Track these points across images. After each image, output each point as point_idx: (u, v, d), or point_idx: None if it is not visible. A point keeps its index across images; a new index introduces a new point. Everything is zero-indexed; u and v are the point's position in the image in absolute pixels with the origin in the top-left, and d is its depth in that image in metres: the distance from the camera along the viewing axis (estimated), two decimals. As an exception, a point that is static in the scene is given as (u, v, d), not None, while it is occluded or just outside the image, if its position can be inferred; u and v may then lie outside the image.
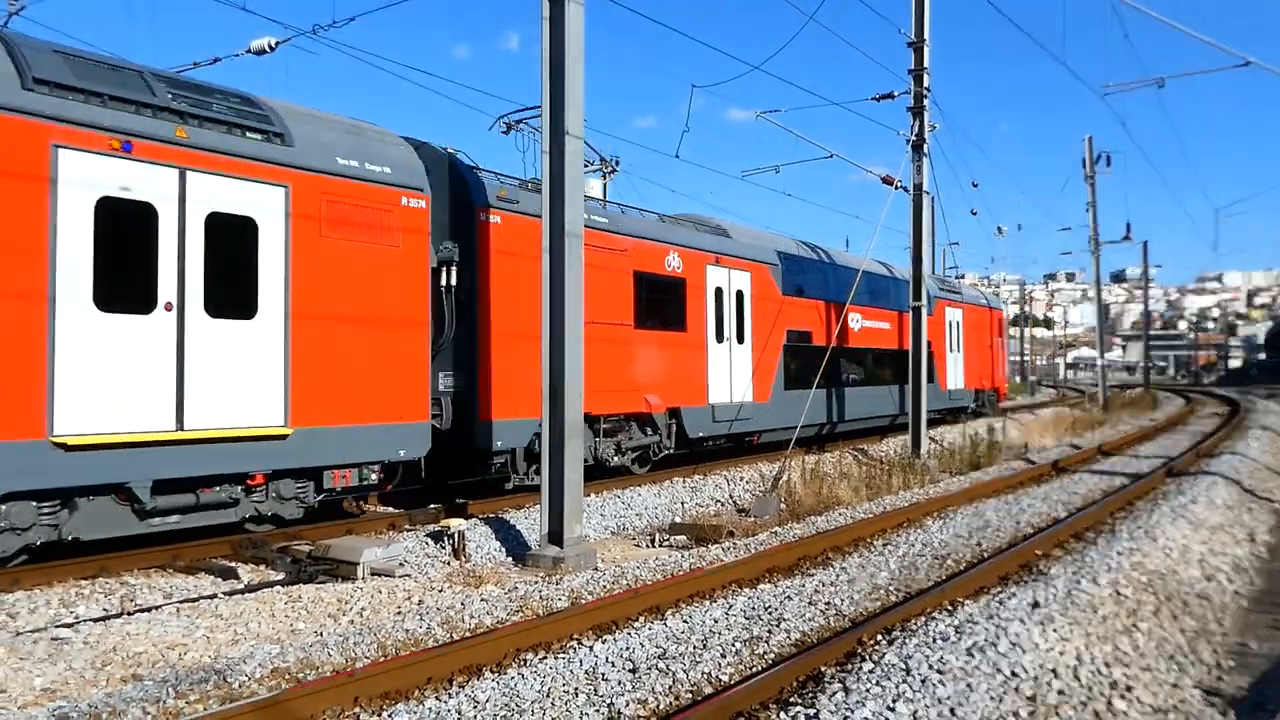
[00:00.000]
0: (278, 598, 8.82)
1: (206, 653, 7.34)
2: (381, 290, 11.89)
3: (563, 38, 11.05)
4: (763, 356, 20.12)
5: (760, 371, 19.99)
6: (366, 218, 11.70)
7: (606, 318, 15.68)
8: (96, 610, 8.64)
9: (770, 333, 20.44)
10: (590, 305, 13.51)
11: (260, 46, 13.96)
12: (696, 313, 18.07)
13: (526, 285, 14.10)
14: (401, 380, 12.08)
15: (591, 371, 13.47)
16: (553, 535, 11.08)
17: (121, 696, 6.11)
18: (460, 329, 13.79)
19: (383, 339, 11.89)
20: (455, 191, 13.97)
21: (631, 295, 16.43)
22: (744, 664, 6.98)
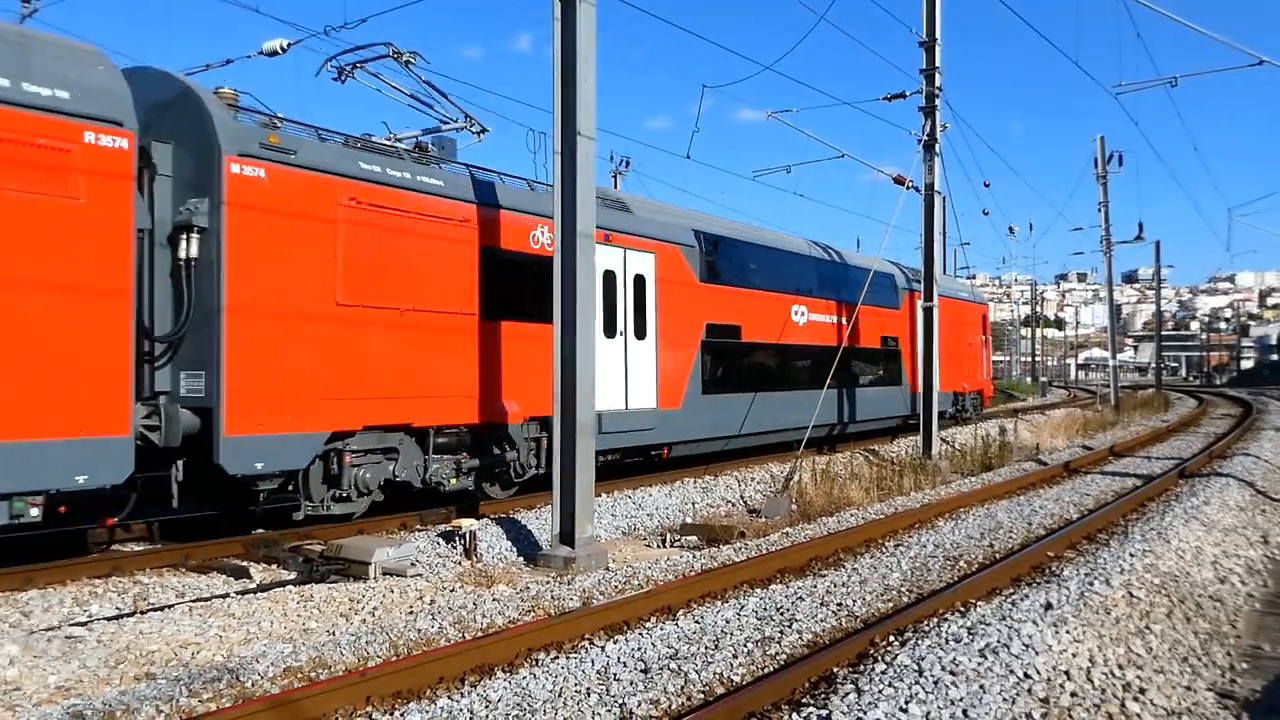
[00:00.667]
0: (290, 597, 8.85)
1: (219, 651, 7.37)
2: (43, 254, 8.87)
3: (574, 38, 11.06)
4: (672, 355, 17.05)
5: (669, 372, 16.96)
6: (14, 155, 8.71)
7: (437, 304, 12.69)
8: (110, 609, 8.69)
9: (684, 327, 17.38)
10: (412, 288, 12.30)
11: (272, 48, 13.99)
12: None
13: (304, 258, 11.25)
14: (79, 377, 9.02)
15: (416, 372, 12.26)
16: (564, 535, 11.09)
17: (135, 695, 6.13)
18: (201, 314, 10.63)
19: (40, 319, 8.82)
20: (200, 134, 10.76)
21: (477, 277, 13.29)
22: (756, 664, 6.97)
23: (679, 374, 17.25)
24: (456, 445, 13.21)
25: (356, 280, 11.77)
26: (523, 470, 14.31)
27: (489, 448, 13.80)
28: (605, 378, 14.90)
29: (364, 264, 11.87)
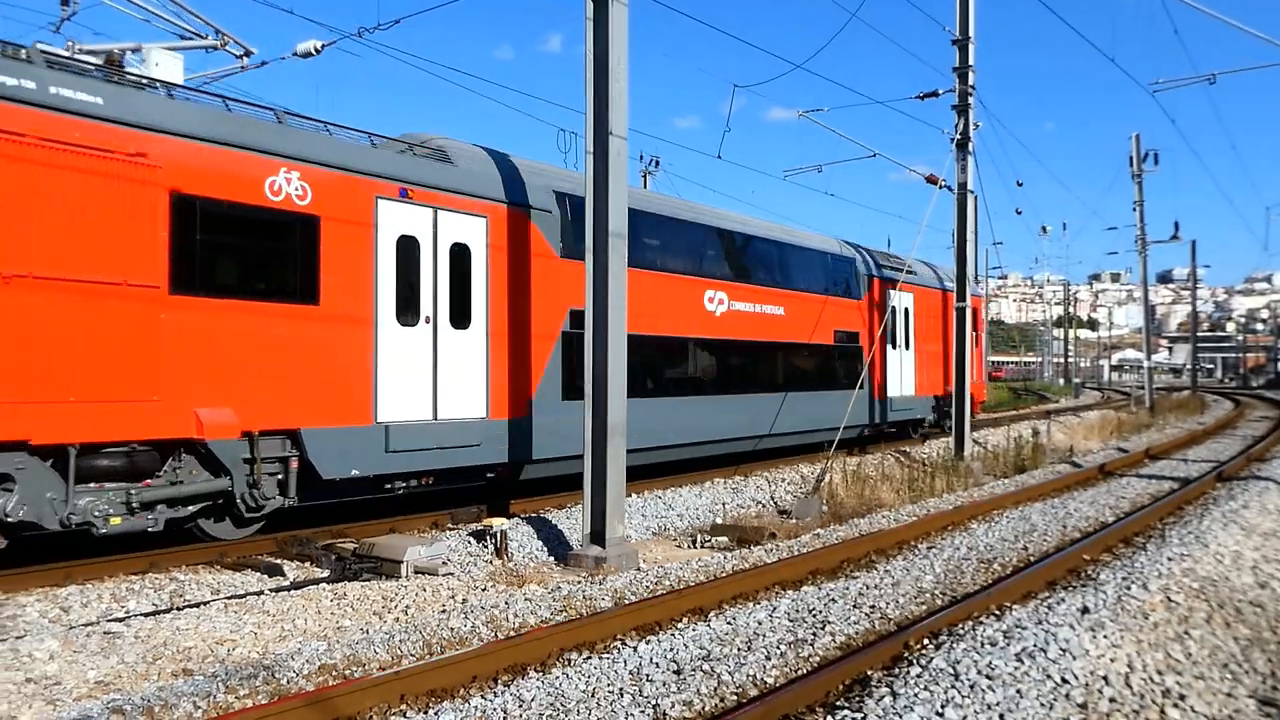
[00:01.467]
0: (324, 595, 8.92)
1: (255, 648, 7.43)
2: None
3: (606, 38, 11.06)
4: (514, 350, 13.30)
5: (508, 372, 13.19)
6: None
7: (81, 270, 9.17)
8: (147, 605, 8.79)
9: (535, 314, 13.64)
10: (33, 246, 8.86)
11: (306, 49, 14.11)
12: (349, 275, 11.40)
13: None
14: None
15: (38, 366, 8.79)
16: (594, 535, 11.09)
17: (173, 690, 6.19)
18: None
19: None
20: None
21: (164, 235, 9.77)
22: (789, 666, 6.94)
23: (525, 374, 13.41)
24: (127, 470, 9.62)
25: None
26: (256, 504, 10.55)
27: (193, 472, 10.13)
28: (398, 378, 11.89)
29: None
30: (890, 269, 23.88)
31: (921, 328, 25.36)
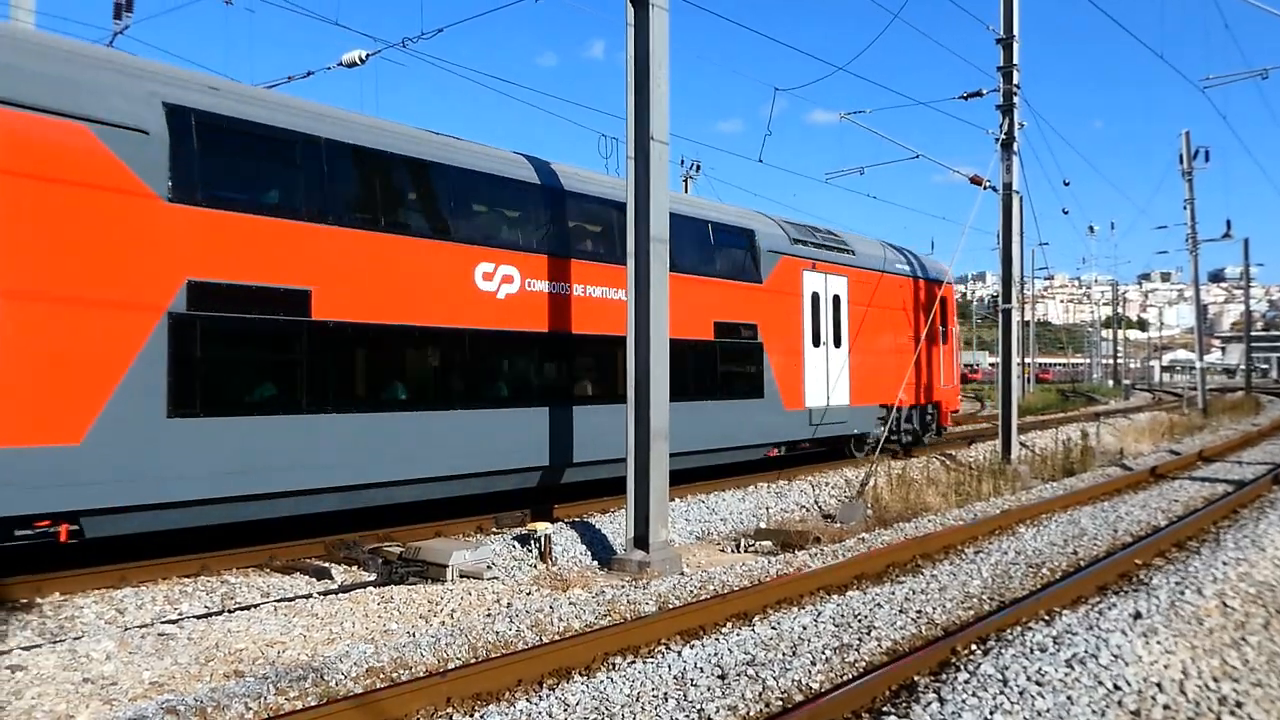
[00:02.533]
0: (370, 598, 9.01)
1: (304, 651, 7.52)
2: None
3: (647, 43, 11.08)
4: (42, 340, 8.68)
5: (32, 376, 8.60)
6: None
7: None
8: (199, 607, 8.94)
9: (97, 284, 9.08)
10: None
11: (351, 59, 14.30)
12: None
13: None
14: None
15: None
16: (638, 540, 11.10)
17: (225, 692, 6.30)
18: None
19: None
20: None
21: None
22: (834, 672, 6.90)
23: (70, 377, 8.83)
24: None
25: None
26: None
27: None
28: None
29: None
30: (813, 246, 19.10)
31: (865, 321, 20.35)
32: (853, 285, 20.28)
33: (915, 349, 21.79)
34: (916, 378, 21.91)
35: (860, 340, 20.44)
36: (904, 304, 22.45)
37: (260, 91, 11.89)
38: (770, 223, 18.51)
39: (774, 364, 17.57)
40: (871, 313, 20.95)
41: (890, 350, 21.57)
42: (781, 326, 17.88)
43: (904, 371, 20.78)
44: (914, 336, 22.23)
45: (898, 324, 22.11)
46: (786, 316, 18.06)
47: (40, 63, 8.99)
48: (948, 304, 24.26)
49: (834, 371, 19.49)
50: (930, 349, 22.81)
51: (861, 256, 20.91)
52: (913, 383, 21.81)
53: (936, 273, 24.04)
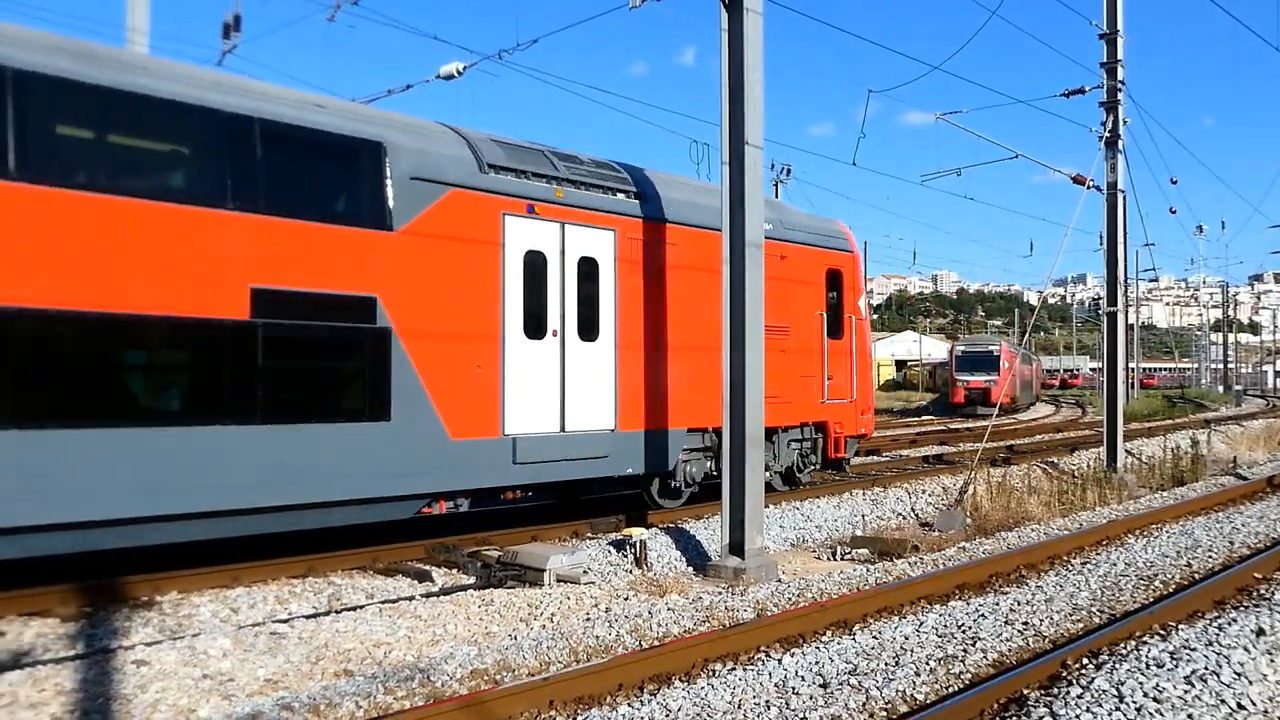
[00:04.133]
0: (471, 601, 9.16)
1: (409, 652, 7.69)
2: None
3: (741, 48, 11.06)
4: None
5: None
6: None
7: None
8: (307, 608, 9.20)
9: None
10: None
11: (449, 72, 14.59)
12: None
13: None
14: None
15: None
16: (733, 546, 11.07)
17: (336, 690, 6.47)
18: None
19: None
20: None
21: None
22: (940, 683, 6.77)
23: None
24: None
25: None
26: None
27: None
28: None
29: None
30: (537, 179, 12.20)
31: (657, 300, 13.45)
32: (628, 244, 13.07)
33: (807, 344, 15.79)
34: (782, 387, 14.58)
35: (644, 330, 13.29)
36: (786, 281, 15.36)
37: None
38: (429, 135, 11.50)
39: (421, 365, 10.68)
40: (675, 289, 13.65)
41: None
42: (442, 303, 10.95)
43: (797, 379, 15.46)
44: (808, 327, 15.78)
45: (782, 307, 15.03)
46: (457, 287, 11.11)
47: None
48: (844, 280, 16.80)
49: (578, 378, 12.42)
50: (806, 345, 15.76)
51: (652, 203, 13.57)
52: (807, 391, 15.68)
53: (825, 236, 16.68)
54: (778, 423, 15.00)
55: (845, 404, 16.77)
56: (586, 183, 12.95)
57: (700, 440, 14.15)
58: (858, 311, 17.28)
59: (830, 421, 16.38)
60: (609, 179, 13.34)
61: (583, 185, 12.87)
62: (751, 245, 11.10)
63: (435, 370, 10.95)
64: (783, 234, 15.45)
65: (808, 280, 16.00)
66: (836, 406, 16.53)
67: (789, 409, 15.32)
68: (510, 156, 12.18)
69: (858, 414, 17.11)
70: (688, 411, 13.80)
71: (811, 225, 16.72)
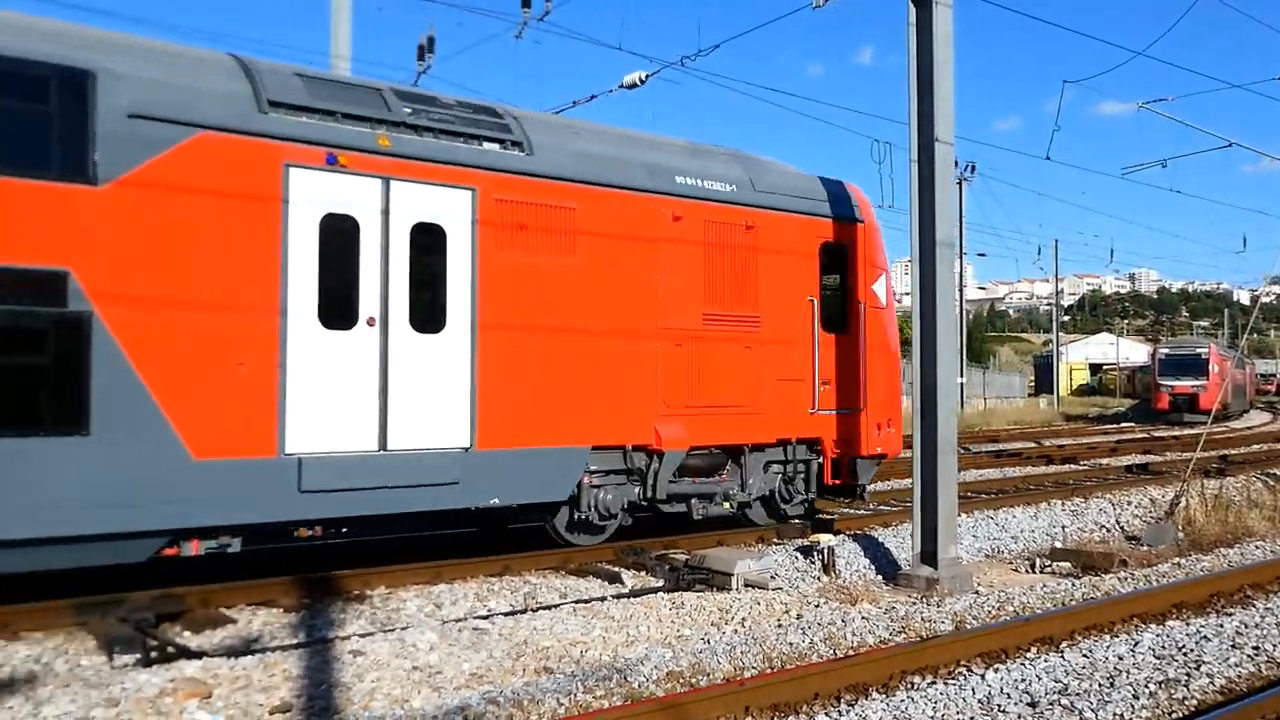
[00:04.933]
0: (662, 603, 9.26)
1: (604, 652, 7.83)
2: None
3: (930, 42, 10.76)
4: None
5: None
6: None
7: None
8: (505, 605, 9.52)
9: None
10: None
11: (631, 81, 14.84)
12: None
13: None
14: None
15: None
16: (925, 555, 10.75)
17: (537, 687, 6.67)
18: None
19: None
20: None
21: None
22: (1161, 709, 6.36)
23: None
24: None
25: None
26: None
27: None
28: None
29: None
30: (355, 121, 9.61)
31: (553, 279, 10.70)
32: (498, 207, 10.32)
33: (795, 333, 12.72)
34: (746, 394, 12.14)
35: (525, 319, 10.48)
36: (705, 255, 11.94)
37: None
38: (178, 62, 8.98)
39: (143, 360, 8.27)
40: (577, 265, 10.84)
41: (638, 340, 11.22)
42: (180, 280, 8.49)
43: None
44: (735, 317, 12.19)
45: (680, 289, 11.68)
46: (206, 259, 8.64)
47: None
48: (850, 257, 13.46)
49: (410, 381, 9.73)
50: (787, 340, 12.63)
51: (542, 154, 10.74)
52: (727, 403, 12.02)
53: (820, 201, 13.24)
54: (743, 439, 12.23)
55: (850, 415, 13.21)
56: (433, 128, 10.12)
57: (617, 460, 11.25)
58: (873, 298, 13.66)
59: (826, 438, 13.07)
60: (472, 123, 10.47)
61: (427, 131, 10.07)
62: (943, 245, 10.77)
63: (167, 368, 8.39)
64: (751, 197, 12.39)
65: (790, 256, 12.69)
66: (836, 419, 13.10)
67: (759, 421, 12.31)
68: (312, 92, 9.52)
69: (871, 428, 13.35)
70: (595, 424, 10.95)
71: (799, 186, 13.16)
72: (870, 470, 13.79)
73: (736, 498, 12.42)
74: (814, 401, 12.86)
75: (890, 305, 14.12)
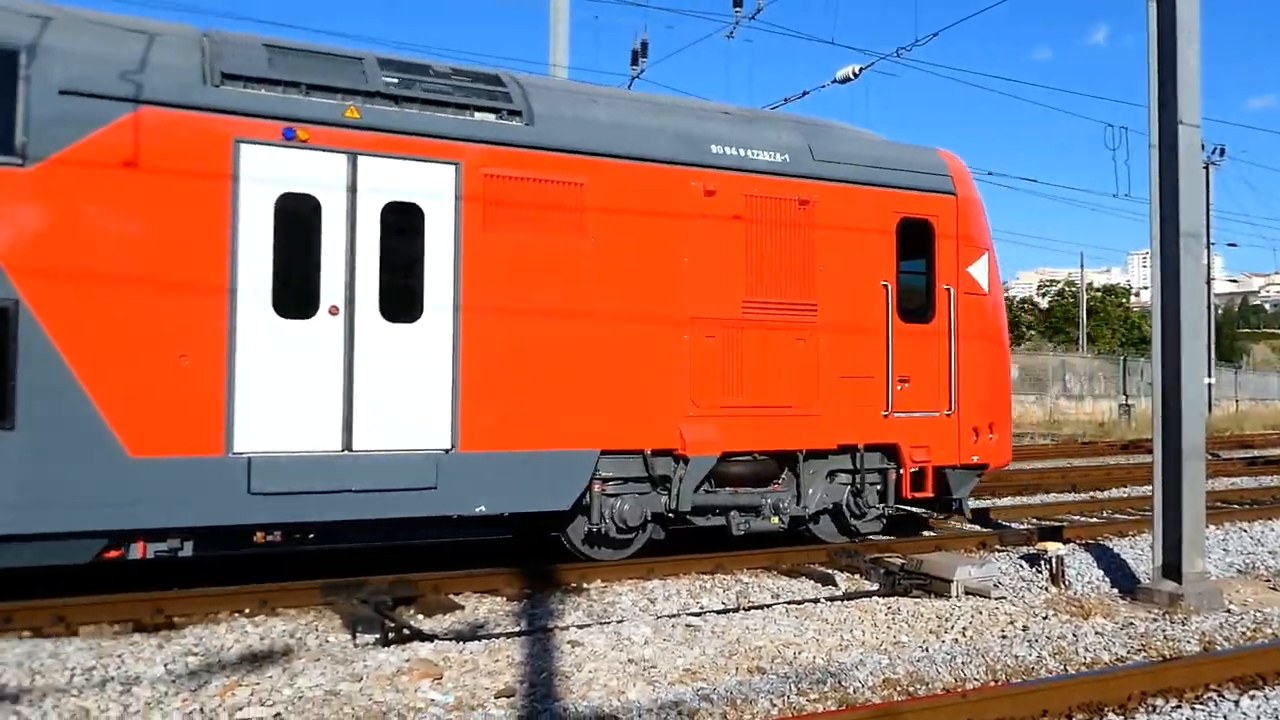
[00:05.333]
0: (878, 608, 9.05)
1: (818, 654, 7.73)
2: None
3: (1173, 16, 9.98)
4: None
5: None
6: None
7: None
8: (716, 603, 9.57)
9: None
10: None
11: (845, 75, 14.58)
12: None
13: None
14: None
15: None
16: (1167, 568, 9.98)
17: (750, 686, 6.66)
18: None
19: None
20: None
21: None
22: None
23: None
24: None
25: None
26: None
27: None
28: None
29: None
30: (315, 91, 8.97)
31: (565, 266, 9.76)
32: (488, 184, 9.47)
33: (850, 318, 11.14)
34: (801, 393, 10.83)
35: (521, 307, 9.55)
36: (747, 234, 10.62)
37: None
38: (118, 34, 8.53)
39: (74, 351, 7.92)
40: (585, 246, 9.83)
41: (658, 330, 10.13)
42: (117, 265, 8.09)
43: (717, 377, 10.41)
44: (784, 304, 10.80)
45: (713, 274, 10.43)
46: (146, 243, 8.21)
47: None
48: (936, 235, 11.74)
49: (380, 375, 9.03)
50: (854, 330, 11.17)
51: (542, 124, 9.82)
52: (774, 402, 10.69)
53: (898, 171, 11.61)
54: (795, 445, 10.82)
55: (936, 419, 11.57)
56: (415, 98, 9.35)
57: (635, 467, 10.12)
58: (969, 282, 11.88)
59: (904, 445, 11.35)
60: (464, 92, 9.63)
61: (408, 102, 9.31)
62: (1187, 236, 9.97)
63: (100, 359, 8.01)
64: (808, 168, 10.97)
65: (859, 234, 11.15)
66: (917, 422, 11.46)
67: (816, 424, 10.89)
68: (274, 64, 8.96)
69: (965, 434, 11.72)
70: (606, 425, 9.85)
71: (873, 155, 11.55)
72: (968, 482, 12.10)
73: (789, 511, 10.94)
74: (888, 402, 11.30)
75: (995, 291, 12.33)
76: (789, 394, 10.75)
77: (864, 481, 11.28)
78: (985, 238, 12.22)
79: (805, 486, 11.07)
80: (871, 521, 11.73)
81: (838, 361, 11.04)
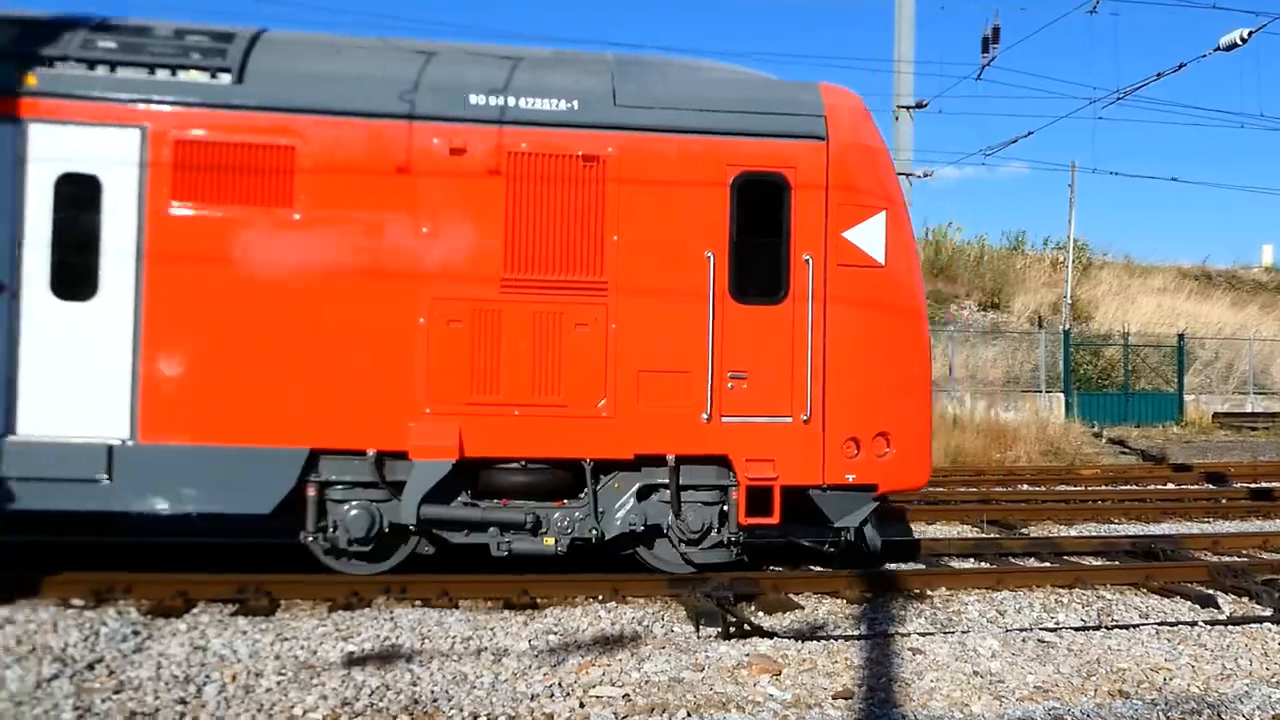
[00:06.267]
0: (1269, 635, 8.03)
1: (1193, 682, 6.99)
2: None
3: None
4: None
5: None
6: None
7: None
8: (1074, 620, 8.93)
9: None
10: None
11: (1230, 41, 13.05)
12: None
13: None
14: None
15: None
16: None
17: (1110, 710, 6.17)
18: None
19: None
20: None
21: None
22: None
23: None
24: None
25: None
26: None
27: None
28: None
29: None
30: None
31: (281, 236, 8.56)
32: (183, 150, 8.46)
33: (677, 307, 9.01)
34: (573, 389, 8.86)
35: (220, 283, 8.50)
36: (509, 198, 8.81)
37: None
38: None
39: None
40: (302, 214, 8.59)
41: (396, 310, 8.66)
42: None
43: (461, 368, 8.71)
44: (548, 282, 8.86)
45: (461, 246, 8.78)
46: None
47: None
48: (804, 193, 9.13)
49: (50, 357, 8.32)
50: (661, 315, 8.97)
51: (257, 80, 8.69)
52: (536, 400, 8.82)
53: (746, 114, 9.15)
54: (577, 453, 8.89)
55: (788, 425, 9.10)
56: (108, 60, 8.47)
57: (364, 470, 8.68)
58: (847, 251, 9.16)
59: (737, 457, 9.03)
60: (170, 50, 8.63)
61: (101, 64, 8.46)
62: None
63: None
64: (604, 116, 8.96)
65: (673, 193, 8.98)
66: (758, 429, 9.07)
67: (606, 428, 8.90)
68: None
69: (835, 445, 9.13)
70: (319, 421, 8.54)
71: (705, 94, 9.20)
72: (859, 508, 9.37)
73: (572, 532, 9.05)
74: (709, 403, 9.02)
75: (900, 262, 9.34)
76: (565, 391, 8.85)
77: (679, 501, 9.12)
78: (883, 192, 9.34)
79: (604, 503, 9.17)
80: (712, 550, 9.39)
81: (636, 352, 8.94)
